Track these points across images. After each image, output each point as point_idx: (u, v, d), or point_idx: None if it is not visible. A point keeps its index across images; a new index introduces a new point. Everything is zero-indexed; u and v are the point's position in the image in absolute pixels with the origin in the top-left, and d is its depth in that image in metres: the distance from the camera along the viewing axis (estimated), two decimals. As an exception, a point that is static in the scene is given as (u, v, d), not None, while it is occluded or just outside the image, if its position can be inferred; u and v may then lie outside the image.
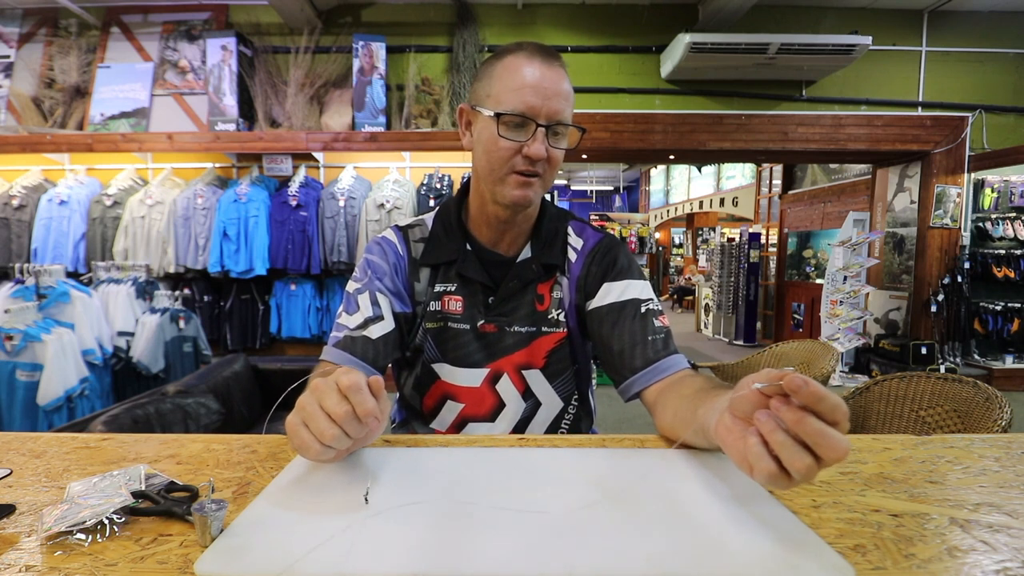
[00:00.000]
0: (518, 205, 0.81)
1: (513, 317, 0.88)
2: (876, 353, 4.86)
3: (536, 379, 0.89)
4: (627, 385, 0.81)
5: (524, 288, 0.89)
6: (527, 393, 0.89)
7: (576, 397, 0.93)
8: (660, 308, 0.86)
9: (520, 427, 0.89)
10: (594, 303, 0.87)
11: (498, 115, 0.77)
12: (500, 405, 0.88)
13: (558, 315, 0.89)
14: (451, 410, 0.89)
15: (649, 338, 0.81)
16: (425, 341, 0.89)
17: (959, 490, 0.55)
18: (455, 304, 0.88)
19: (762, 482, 0.43)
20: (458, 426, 0.90)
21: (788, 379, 0.41)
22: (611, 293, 0.86)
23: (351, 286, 0.87)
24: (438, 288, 0.89)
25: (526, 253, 0.90)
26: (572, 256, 0.91)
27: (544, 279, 0.89)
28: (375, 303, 0.84)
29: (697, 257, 13.02)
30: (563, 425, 0.92)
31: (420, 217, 0.96)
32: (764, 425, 0.43)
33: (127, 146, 4.11)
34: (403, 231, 0.93)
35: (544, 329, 0.88)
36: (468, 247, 0.89)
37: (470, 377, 0.88)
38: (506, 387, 0.88)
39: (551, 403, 0.90)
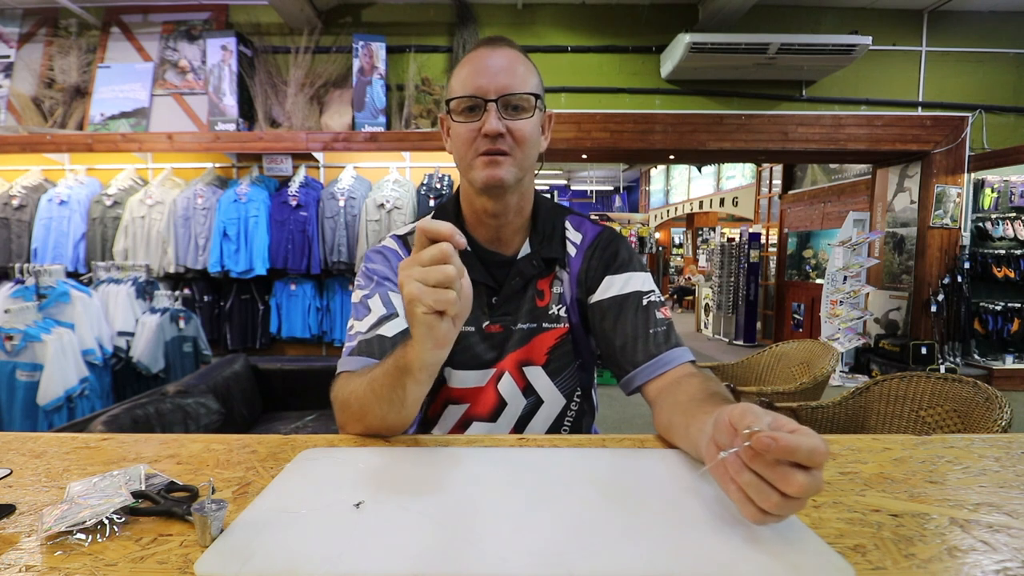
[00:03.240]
0: (490, 185, 0.79)
1: (517, 315, 0.88)
2: (876, 353, 4.86)
3: (537, 376, 0.88)
4: (629, 379, 0.81)
5: (525, 285, 0.88)
6: (528, 390, 0.88)
7: (579, 394, 0.92)
8: (662, 300, 0.86)
9: (521, 424, 0.88)
10: (596, 296, 0.87)
11: (448, 102, 0.80)
12: (501, 404, 0.88)
13: (559, 310, 0.89)
14: (454, 413, 0.89)
15: (651, 331, 0.81)
16: None
17: (959, 490, 0.55)
18: None
19: (753, 523, 0.43)
20: (461, 427, 0.89)
21: (755, 440, 0.41)
22: (613, 286, 0.86)
23: (357, 295, 0.86)
24: None
25: (525, 249, 0.89)
26: (571, 251, 0.91)
27: (544, 274, 0.89)
28: (388, 303, 0.82)
29: (697, 257, 13.02)
30: (566, 423, 0.91)
31: (416, 223, 0.95)
32: (731, 467, 0.44)
33: (127, 146, 4.11)
34: (402, 239, 0.93)
35: (544, 325, 0.88)
36: (468, 249, 0.89)
37: (476, 379, 0.87)
38: (507, 385, 0.87)
39: (553, 400, 0.89)
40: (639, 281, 0.86)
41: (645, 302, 0.84)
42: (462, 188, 0.89)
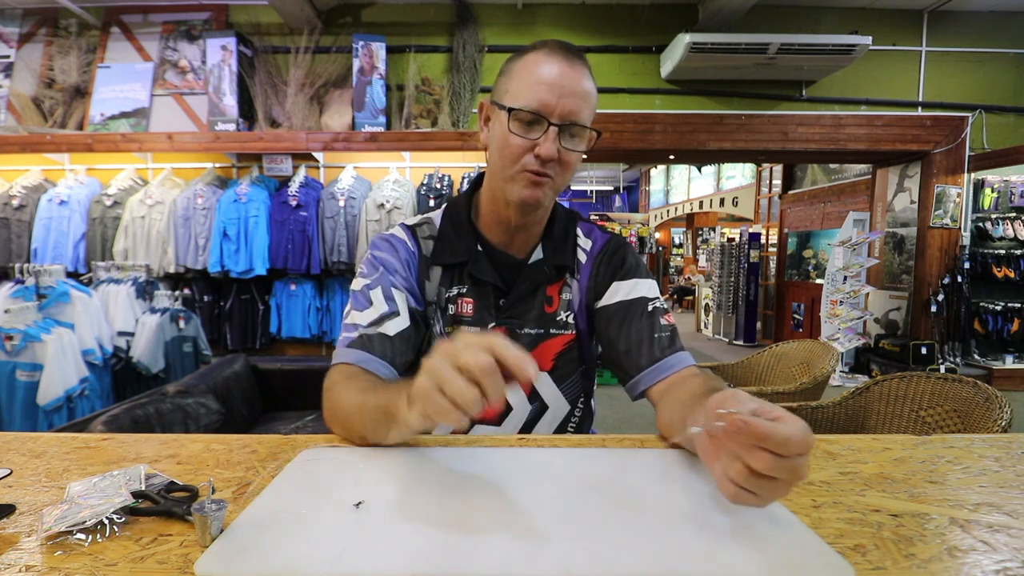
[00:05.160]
0: (526, 205, 0.79)
1: (524, 319, 0.87)
2: (876, 353, 4.86)
3: (543, 382, 0.88)
4: (634, 383, 0.81)
5: (535, 290, 0.88)
6: (533, 396, 0.88)
7: (583, 399, 0.92)
8: (666, 307, 0.86)
9: (526, 430, 0.88)
10: (603, 302, 0.87)
11: (510, 110, 0.76)
12: (507, 409, 0.87)
13: (567, 317, 0.89)
14: None
15: (655, 336, 0.81)
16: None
17: (959, 490, 0.55)
18: (466, 306, 0.87)
19: (732, 501, 0.45)
20: (463, 430, 0.88)
21: (729, 421, 0.41)
22: (619, 292, 0.86)
23: (358, 283, 0.83)
24: (453, 291, 0.87)
25: (538, 254, 0.89)
26: (582, 258, 0.91)
27: (554, 281, 0.89)
28: (390, 298, 0.81)
29: (697, 257, 13.02)
30: (569, 428, 0.91)
31: (427, 215, 0.94)
32: (715, 445, 0.46)
33: (127, 146, 4.11)
34: (411, 229, 0.91)
35: (552, 331, 0.88)
36: (479, 248, 0.88)
37: None
38: (513, 391, 0.87)
39: (558, 406, 0.89)
40: (645, 288, 0.86)
41: (650, 308, 0.84)
42: (486, 188, 0.87)
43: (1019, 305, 4.70)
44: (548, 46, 0.77)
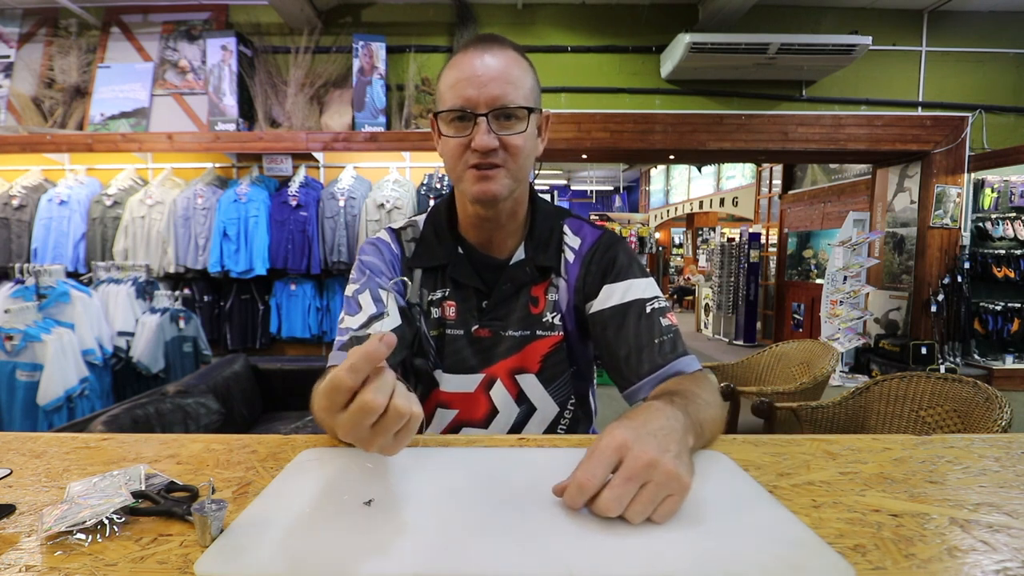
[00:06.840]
0: (482, 200, 0.77)
1: (508, 321, 0.86)
2: (876, 353, 4.86)
3: (530, 384, 0.87)
4: (634, 391, 0.78)
5: (518, 291, 0.86)
6: (520, 398, 0.87)
7: (573, 401, 0.90)
8: (667, 305, 0.82)
9: (514, 431, 0.88)
10: (595, 306, 0.83)
11: (436, 115, 0.78)
12: (493, 411, 0.87)
13: (553, 318, 0.86)
14: (442, 417, 0.88)
15: (656, 340, 0.77)
16: (429, 348, 0.87)
17: (959, 490, 0.55)
18: (449, 310, 0.87)
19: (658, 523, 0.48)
20: (450, 432, 0.88)
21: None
22: (613, 295, 0.82)
23: (349, 289, 0.85)
24: (436, 295, 0.87)
25: (519, 255, 0.87)
26: (569, 256, 0.88)
27: (538, 281, 0.87)
28: (378, 300, 0.82)
29: (697, 257, 13.02)
30: (559, 430, 0.90)
31: (413, 218, 0.95)
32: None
33: (127, 146, 4.10)
34: (396, 232, 0.93)
35: (538, 333, 0.86)
36: (460, 250, 0.87)
37: (464, 383, 0.87)
38: (499, 392, 0.86)
39: (546, 408, 0.88)
40: (640, 288, 0.82)
41: (648, 309, 0.80)
42: (455, 191, 0.88)
43: (1019, 305, 4.70)
44: (468, 43, 0.77)
